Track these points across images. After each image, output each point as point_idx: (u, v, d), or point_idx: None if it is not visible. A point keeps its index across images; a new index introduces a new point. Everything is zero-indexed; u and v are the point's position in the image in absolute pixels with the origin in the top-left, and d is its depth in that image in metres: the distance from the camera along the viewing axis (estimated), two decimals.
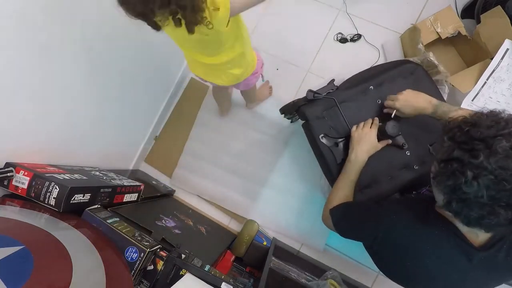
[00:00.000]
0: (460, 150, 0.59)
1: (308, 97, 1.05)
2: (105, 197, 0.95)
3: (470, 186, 0.56)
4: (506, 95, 1.25)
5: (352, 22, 1.57)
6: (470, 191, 0.57)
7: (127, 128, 1.36)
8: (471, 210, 0.58)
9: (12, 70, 0.73)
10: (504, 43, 1.23)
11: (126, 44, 1.06)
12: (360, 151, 0.96)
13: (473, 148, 0.57)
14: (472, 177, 0.56)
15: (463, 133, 0.60)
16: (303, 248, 1.45)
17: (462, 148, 0.59)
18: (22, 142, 0.87)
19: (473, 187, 0.56)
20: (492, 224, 0.58)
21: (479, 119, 0.61)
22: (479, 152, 0.56)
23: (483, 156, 0.55)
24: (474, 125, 0.60)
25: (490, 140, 0.56)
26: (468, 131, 0.60)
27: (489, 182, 0.55)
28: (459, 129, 0.62)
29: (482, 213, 0.57)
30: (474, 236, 0.68)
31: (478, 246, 0.68)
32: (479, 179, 0.55)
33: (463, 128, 0.61)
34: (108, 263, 0.71)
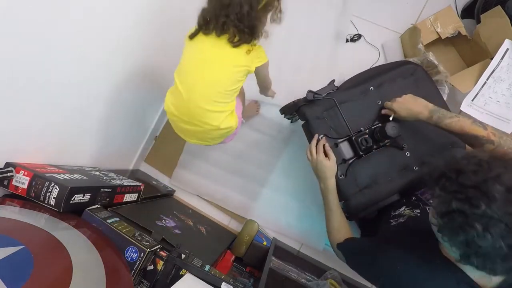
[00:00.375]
0: (457, 201, 0.57)
1: (308, 97, 1.05)
2: (105, 197, 0.95)
3: (484, 239, 0.53)
4: (506, 95, 1.25)
5: (353, 22, 1.57)
6: (487, 244, 0.54)
7: (127, 128, 1.36)
8: (495, 263, 0.55)
9: (12, 70, 0.73)
10: (504, 43, 1.23)
11: (126, 44, 1.05)
12: (324, 179, 0.99)
13: (468, 196, 0.55)
14: (483, 229, 0.53)
15: (452, 182, 0.59)
16: (303, 248, 1.45)
17: (458, 198, 0.57)
18: (22, 142, 0.87)
19: (487, 240, 0.53)
20: None
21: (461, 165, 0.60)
22: (478, 201, 0.54)
23: (484, 204, 0.53)
24: (460, 172, 0.58)
25: (483, 185, 0.55)
26: (456, 178, 0.58)
27: (501, 231, 0.53)
28: (446, 178, 0.60)
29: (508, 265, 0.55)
30: (486, 281, 0.64)
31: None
32: (490, 229, 0.53)
33: (451, 177, 0.59)
34: (108, 263, 0.71)
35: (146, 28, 1.12)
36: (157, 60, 1.31)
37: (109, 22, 0.93)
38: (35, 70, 0.78)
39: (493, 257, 0.55)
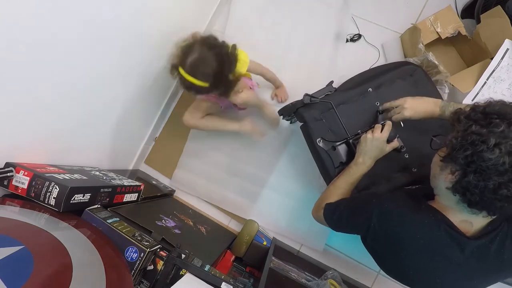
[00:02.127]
0: (478, 125, 0.61)
1: (305, 101, 1.05)
2: (105, 197, 0.95)
3: (492, 153, 0.58)
4: (506, 95, 1.25)
5: (353, 22, 1.57)
6: (492, 157, 0.58)
7: (127, 129, 1.36)
8: (489, 180, 0.59)
9: (11, 70, 0.73)
10: (504, 43, 1.23)
11: (126, 46, 1.05)
12: (369, 157, 0.95)
13: (491, 121, 0.60)
14: (495, 144, 0.58)
15: (479, 112, 0.63)
16: (303, 248, 1.45)
17: (479, 123, 0.61)
18: (22, 142, 0.87)
19: (494, 153, 0.57)
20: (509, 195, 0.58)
21: (490, 103, 0.64)
22: (499, 123, 0.59)
23: (504, 126, 0.58)
24: (489, 105, 0.63)
25: (507, 114, 0.60)
26: (484, 109, 0.63)
27: (510, 148, 0.57)
28: (473, 110, 0.65)
29: (501, 180, 0.58)
30: (467, 226, 0.69)
31: (470, 236, 0.69)
32: (501, 145, 0.57)
33: (477, 109, 0.64)
34: (108, 263, 0.71)
35: (146, 29, 1.12)
36: (157, 61, 1.31)
37: (108, 22, 0.93)
38: (35, 71, 0.78)
39: (490, 173, 0.59)
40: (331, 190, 0.98)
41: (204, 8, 1.53)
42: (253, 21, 1.60)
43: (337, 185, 0.97)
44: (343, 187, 0.96)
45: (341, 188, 0.96)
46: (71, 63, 0.87)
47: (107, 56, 0.99)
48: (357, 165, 0.96)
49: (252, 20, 1.60)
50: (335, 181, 1.00)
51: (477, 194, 0.61)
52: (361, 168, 0.96)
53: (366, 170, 0.96)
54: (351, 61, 1.53)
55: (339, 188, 0.97)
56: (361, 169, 0.96)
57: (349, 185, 0.96)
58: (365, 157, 0.96)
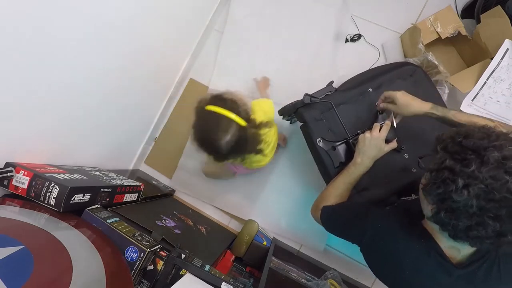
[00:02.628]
0: (452, 160, 0.59)
1: (305, 101, 1.05)
2: (105, 197, 0.95)
3: (460, 195, 0.56)
4: (506, 95, 1.25)
5: (353, 21, 1.57)
6: (460, 199, 0.56)
7: (127, 128, 1.36)
8: (459, 220, 0.58)
9: (12, 71, 0.73)
10: (504, 43, 1.23)
11: (126, 46, 1.05)
12: (367, 156, 0.94)
13: (465, 158, 0.58)
14: (463, 185, 0.56)
15: (456, 144, 0.61)
16: (303, 248, 1.45)
17: (454, 158, 0.59)
18: (22, 142, 0.87)
19: (463, 196, 0.56)
20: (479, 236, 0.58)
21: (471, 131, 0.62)
22: (471, 162, 0.56)
23: (475, 165, 0.56)
24: (467, 137, 0.60)
25: (482, 150, 0.57)
26: (460, 141, 0.60)
27: (479, 191, 0.55)
28: (452, 139, 0.62)
29: (470, 223, 0.57)
30: (455, 253, 0.69)
31: (457, 263, 0.69)
32: (469, 187, 0.56)
33: (456, 139, 0.61)
34: (108, 263, 0.71)
35: (147, 30, 1.12)
36: (158, 62, 1.31)
37: (109, 23, 0.93)
38: (35, 71, 0.78)
39: (460, 215, 0.58)
40: (329, 191, 0.98)
41: (204, 8, 1.53)
42: (253, 21, 1.60)
43: (336, 186, 0.97)
44: (342, 188, 0.96)
45: (339, 189, 0.96)
46: (71, 64, 0.87)
47: (107, 57, 0.99)
48: (355, 166, 0.95)
49: (252, 20, 1.60)
50: (333, 181, 0.99)
51: (451, 230, 0.61)
52: (360, 168, 0.95)
53: (364, 170, 0.95)
54: (351, 61, 1.53)
55: (338, 188, 0.96)
56: (360, 169, 0.95)
57: (348, 185, 0.96)
58: (363, 157, 0.95)
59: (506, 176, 0.54)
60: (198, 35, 1.55)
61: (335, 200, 0.95)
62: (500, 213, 0.55)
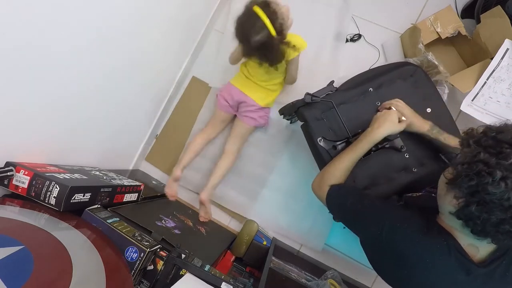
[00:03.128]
0: (487, 153, 0.59)
1: (306, 100, 1.05)
2: (105, 197, 0.95)
3: (497, 187, 0.55)
4: (506, 95, 1.25)
5: (353, 21, 1.57)
6: (496, 192, 0.56)
7: (127, 128, 1.36)
8: (491, 214, 0.57)
9: (12, 71, 0.73)
10: (504, 43, 1.23)
11: (126, 45, 1.05)
12: (378, 126, 0.93)
13: (501, 151, 0.57)
14: (501, 177, 0.55)
15: (490, 138, 0.60)
16: (303, 248, 1.45)
17: (488, 151, 0.59)
18: (23, 142, 0.87)
19: (500, 188, 0.55)
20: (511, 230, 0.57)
21: (505, 127, 0.62)
22: (509, 154, 0.56)
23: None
24: (501, 132, 0.60)
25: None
26: (495, 136, 0.60)
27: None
28: (484, 134, 0.62)
29: (504, 216, 0.56)
30: (474, 251, 0.68)
31: (477, 262, 0.67)
32: (507, 180, 0.55)
33: (489, 134, 0.61)
34: (108, 263, 0.71)
35: (147, 30, 1.12)
36: (158, 62, 1.31)
37: (107, 22, 0.93)
38: (35, 71, 0.78)
39: (494, 208, 0.57)
40: (336, 164, 0.95)
41: (204, 8, 1.53)
42: None
43: (343, 159, 0.94)
44: (348, 161, 0.93)
45: (345, 162, 0.94)
46: (71, 64, 0.87)
47: (108, 57, 0.99)
48: (365, 135, 0.94)
49: None
50: (340, 154, 0.97)
51: (479, 225, 0.60)
52: (369, 137, 0.93)
53: (374, 141, 0.93)
54: (351, 61, 1.53)
55: (344, 162, 0.94)
56: (369, 138, 0.93)
57: (355, 158, 0.94)
58: (374, 126, 0.94)
59: None
60: (198, 35, 1.55)
61: (341, 176, 0.92)
62: None
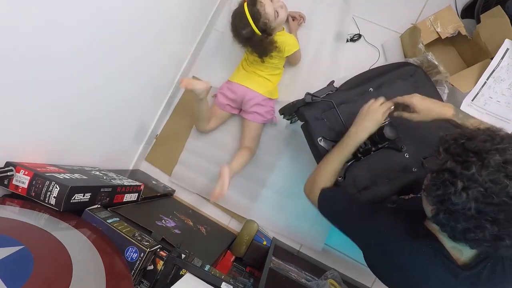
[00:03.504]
0: (454, 162, 0.59)
1: (306, 100, 1.05)
2: (105, 196, 0.95)
3: (459, 197, 0.56)
4: (506, 95, 1.25)
5: (353, 21, 1.57)
6: (459, 202, 0.57)
7: (127, 128, 1.36)
8: (457, 222, 0.59)
9: (12, 71, 0.73)
10: (504, 43, 1.23)
11: (126, 44, 1.05)
12: (363, 126, 0.92)
13: (466, 160, 0.58)
14: (462, 188, 0.56)
15: (458, 145, 0.61)
16: (303, 248, 1.45)
17: (455, 159, 0.59)
18: (23, 142, 0.87)
19: (461, 198, 0.56)
20: (477, 239, 0.58)
21: (476, 133, 0.61)
22: (471, 164, 0.56)
23: (475, 168, 0.56)
24: (470, 139, 0.60)
25: (484, 153, 0.57)
26: (463, 143, 0.60)
27: (478, 194, 0.55)
28: (455, 141, 0.62)
29: (468, 226, 0.58)
30: (458, 253, 0.69)
31: (462, 264, 0.69)
32: (468, 190, 0.56)
33: (459, 141, 0.61)
34: (108, 263, 0.71)
35: (147, 30, 1.12)
36: (158, 62, 1.31)
37: (110, 23, 0.93)
38: (35, 71, 0.78)
39: (458, 217, 0.58)
40: (324, 167, 0.95)
41: (204, 8, 1.52)
42: None
43: (330, 161, 0.95)
44: (335, 163, 0.94)
45: (334, 164, 0.94)
46: (71, 64, 0.87)
47: (107, 57, 0.99)
48: (349, 136, 0.93)
49: None
50: (327, 156, 0.97)
51: (450, 232, 0.62)
52: (354, 139, 0.92)
53: (359, 142, 0.93)
54: (351, 61, 1.53)
55: (332, 163, 0.94)
56: (355, 140, 0.92)
57: (342, 158, 0.94)
58: (359, 127, 0.92)
59: (506, 180, 0.54)
60: (198, 35, 1.55)
61: (331, 178, 0.94)
62: (499, 216, 0.55)
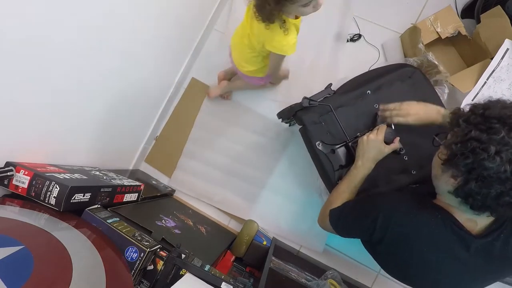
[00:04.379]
0: (478, 130, 0.60)
1: (303, 104, 1.04)
2: (105, 196, 0.95)
3: (493, 161, 0.57)
4: (506, 95, 1.25)
5: (353, 21, 1.57)
6: (493, 166, 0.57)
7: (127, 128, 1.36)
8: (491, 188, 0.59)
9: (13, 71, 0.73)
10: (504, 43, 1.23)
11: (126, 44, 1.06)
12: (367, 158, 0.96)
13: (491, 126, 0.59)
14: (495, 152, 0.57)
15: (478, 115, 0.62)
16: (303, 248, 1.45)
17: (479, 128, 0.60)
18: (23, 142, 0.87)
19: (495, 162, 0.57)
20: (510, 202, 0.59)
21: (490, 103, 0.63)
22: (499, 129, 0.58)
23: (504, 132, 0.57)
24: (488, 108, 0.62)
25: (507, 119, 0.58)
26: (483, 113, 0.61)
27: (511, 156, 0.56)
28: (472, 112, 0.64)
29: (503, 189, 0.58)
30: (472, 225, 0.69)
31: (476, 234, 0.69)
32: (502, 153, 0.57)
33: (477, 111, 0.63)
34: (108, 263, 0.71)
35: (147, 29, 1.12)
36: (157, 62, 1.31)
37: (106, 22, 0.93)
38: (35, 70, 0.78)
39: (492, 181, 0.59)
40: (334, 197, 0.98)
41: (204, 8, 1.53)
42: None
43: (340, 190, 0.97)
44: (346, 191, 0.96)
45: (344, 193, 0.96)
46: (71, 64, 0.87)
47: (107, 57, 1.00)
48: (357, 168, 0.97)
49: None
50: (337, 187, 1.00)
51: (480, 200, 0.61)
52: (361, 171, 0.96)
53: (367, 172, 0.96)
54: (351, 61, 1.53)
55: (342, 192, 0.97)
56: (362, 172, 0.96)
57: (352, 189, 0.96)
58: (363, 159, 0.96)
59: None
60: (198, 35, 1.55)
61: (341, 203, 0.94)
62: None
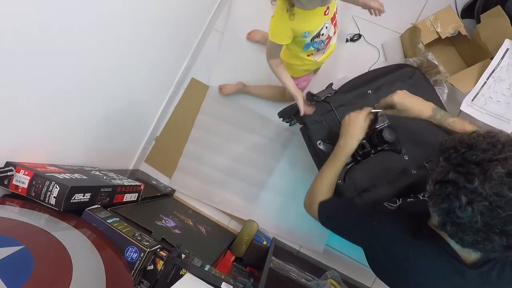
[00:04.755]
0: (455, 173, 0.58)
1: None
2: (105, 196, 0.95)
3: (464, 211, 0.56)
4: (506, 95, 1.25)
5: (353, 21, 1.57)
6: (464, 216, 0.56)
7: (127, 128, 1.36)
8: (465, 234, 0.58)
9: (13, 71, 0.73)
10: (504, 43, 1.23)
11: (126, 44, 1.06)
12: (349, 136, 0.93)
13: (468, 171, 0.57)
14: (467, 202, 0.55)
15: (459, 155, 0.59)
16: (303, 248, 1.45)
17: (457, 170, 0.58)
18: (23, 142, 0.87)
19: (467, 212, 0.56)
20: (486, 249, 0.58)
21: (475, 141, 0.60)
22: (474, 177, 0.55)
23: (478, 181, 0.55)
24: (471, 147, 0.59)
25: (486, 164, 0.55)
26: (464, 153, 0.59)
27: (483, 208, 0.54)
28: (455, 150, 0.61)
29: (476, 238, 0.57)
30: (466, 254, 0.68)
31: (470, 264, 0.68)
32: (473, 204, 0.55)
33: (459, 150, 0.60)
34: (108, 263, 0.71)
35: (147, 28, 1.12)
36: (157, 62, 1.31)
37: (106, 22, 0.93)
38: (36, 70, 0.78)
39: (466, 229, 0.58)
40: (319, 181, 0.96)
41: (204, 8, 1.53)
42: (254, 21, 1.60)
43: (325, 174, 0.95)
44: (330, 176, 0.94)
45: (329, 177, 0.95)
46: (71, 64, 0.87)
47: (107, 57, 1.00)
48: (340, 147, 0.95)
49: (253, 20, 1.60)
50: (322, 170, 0.97)
51: (458, 241, 0.62)
52: (345, 150, 0.94)
53: (350, 152, 0.94)
54: (351, 61, 1.53)
55: (327, 177, 0.95)
56: (345, 151, 0.94)
57: (336, 170, 0.95)
58: (346, 137, 0.94)
59: (510, 193, 0.53)
60: (198, 35, 1.55)
61: (328, 190, 0.93)
62: (506, 228, 0.54)
